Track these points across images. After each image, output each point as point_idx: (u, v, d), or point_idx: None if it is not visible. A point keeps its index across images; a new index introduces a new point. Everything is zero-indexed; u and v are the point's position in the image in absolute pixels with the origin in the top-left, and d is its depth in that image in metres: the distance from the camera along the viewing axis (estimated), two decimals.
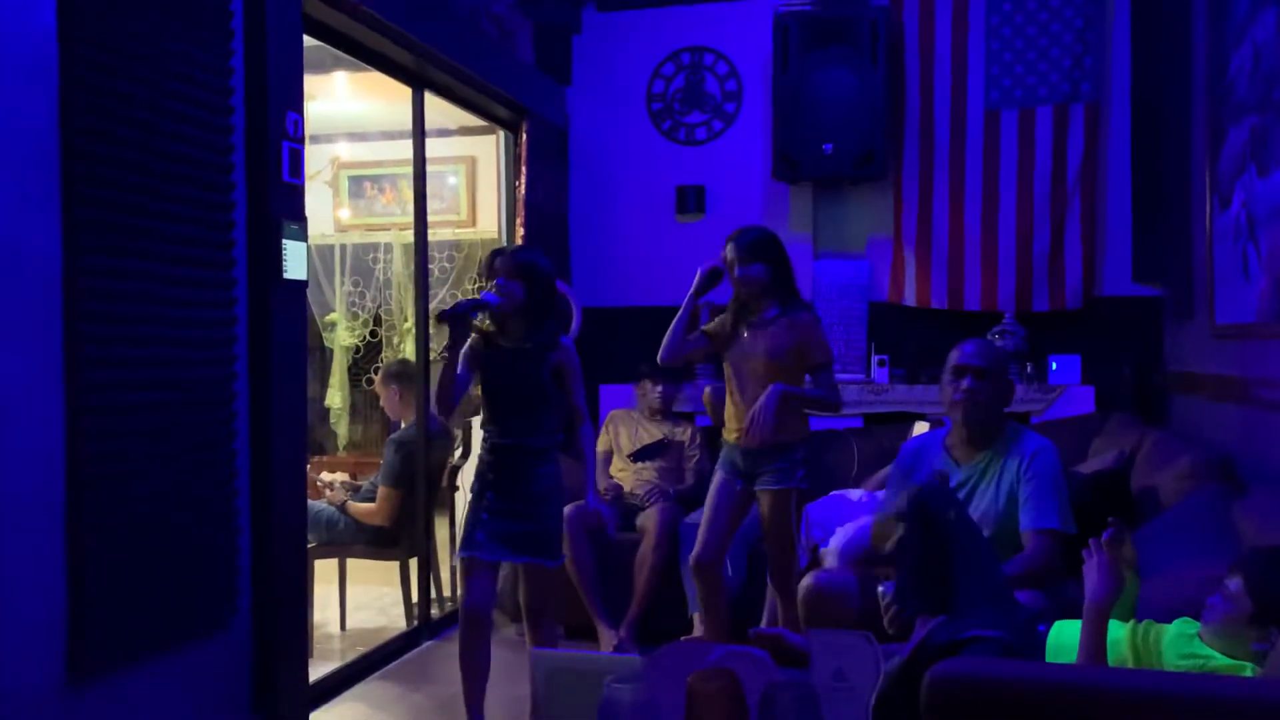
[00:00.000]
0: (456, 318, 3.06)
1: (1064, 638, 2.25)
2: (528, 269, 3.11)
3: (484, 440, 3.18)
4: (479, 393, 3.23)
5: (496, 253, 3.23)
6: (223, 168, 2.88)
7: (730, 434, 3.49)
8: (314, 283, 6.02)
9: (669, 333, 3.51)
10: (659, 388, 4.68)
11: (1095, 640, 2.04)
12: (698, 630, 4.02)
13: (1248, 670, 1.92)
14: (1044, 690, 1.64)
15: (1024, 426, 3.08)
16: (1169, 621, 2.14)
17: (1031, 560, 2.81)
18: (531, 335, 3.12)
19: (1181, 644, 2.04)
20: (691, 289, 3.46)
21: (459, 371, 3.10)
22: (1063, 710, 1.61)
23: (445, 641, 4.31)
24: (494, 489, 3.11)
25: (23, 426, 2.31)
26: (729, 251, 3.42)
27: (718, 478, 3.53)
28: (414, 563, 4.41)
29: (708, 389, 4.01)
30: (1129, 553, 2.16)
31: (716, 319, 3.54)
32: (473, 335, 3.16)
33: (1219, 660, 1.96)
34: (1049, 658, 2.21)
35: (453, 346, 3.08)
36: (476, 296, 3.15)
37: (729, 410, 3.51)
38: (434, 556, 4.54)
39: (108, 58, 2.47)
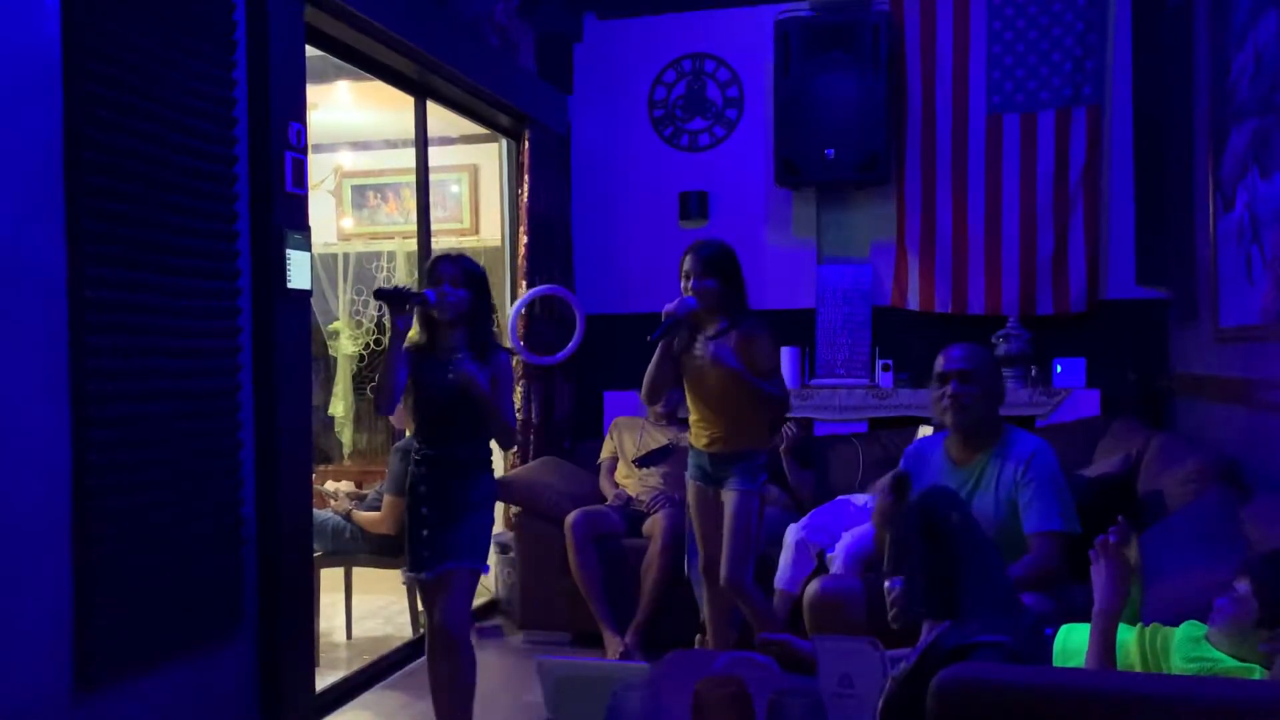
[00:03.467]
0: (393, 297, 2.93)
1: (1071, 641, 2.24)
2: (475, 278, 3.05)
3: (415, 452, 3.07)
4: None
5: (441, 258, 3.08)
6: (226, 178, 2.89)
7: (698, 440, 3.55)
8: (317, 292, 6.03)
9: (650, 375, 3.51)
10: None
11: (1104, 648, 2.03)
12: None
13: (1256, 673, 1.92)
14: (1051, 695, 1.64)
15: (1018, 428, 3.07)
16: (1175, 624, 2.13)
17: (1037, 563, 2.80)
18: (467, 344, 3.02)
19: (1189, 647, 2.04)
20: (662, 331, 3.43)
21: (399, 369, 2.96)
22: (1070, 715, 1.61)
23: None
24: (428, 503, 3.01)
25: (29, 437, 2.32)
26: (688, 263, 3.44)
27: (692, 486, 3.60)
28: None
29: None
30: (1133, 556, 2.16)
31: (676, 341, 3.52)
32: (407, 339, 3.04)
33: (1227, 663, 1.96)
34: (1056, 661, 2.21)
35: (395, 337, 2.95)
36: (415, 289, 3.00)
37: (692, 420, 3.57)
38: None
39: (111, 69, 2.48)
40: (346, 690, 3.78)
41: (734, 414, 3.45)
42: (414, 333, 3.08)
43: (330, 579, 4.36)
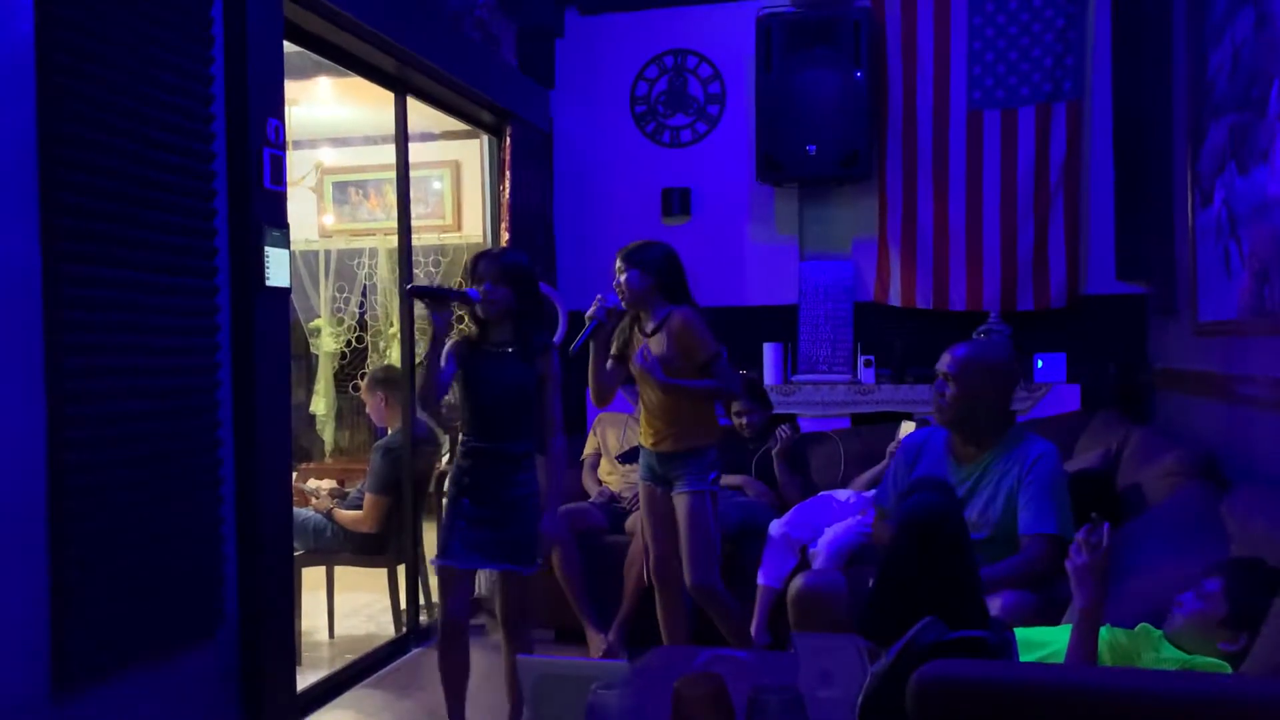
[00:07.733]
0: (429, 295, 3.01)
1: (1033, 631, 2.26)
2: (514, 272, 3.07)
3: (461, 444, 3.13)
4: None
5: (480, 256, 3.14)
6: (204, 175, 2.87)
7: (645, 439, 3.54)
8: (299, 289, 6.00)
9: (593, 379, 3.54)
10: None
11: (1087, 647, 2.04)
12: None
13: (1227, 670, 1.93)
14: (1031, 691, 1.64)
15: (1029, 430, 3.07)
16: (1142, 622, 2.14)
17: (1027, 563, 2.82)
18: (516, 340, 3.09)
19: (1152, 648, 2.05)
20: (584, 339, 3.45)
21: (443, 366, 3.03)
22: (1050, 711, 1.61)
23: (434, 648, 4.28)
24: (470, 495, 3.07)
25: (4, 436, 2.30)
26: (618, 262, 3.49)
27: (643, 487, 3.59)
28: (402, 569, 4.39)
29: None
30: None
31: (616, 340, 3.55)
32: (456, 335, 3.12)
33: (1200, 660, 1.97)
34: (1022, 649, 2.21)
35: (435, 338, 2.99)
36: (460, 288, 3.06)
37: (640, 417, 3.57)
38: (422, 563, 4.53)
39: (86, 65, 2.46)
40: (328, 689, 3.76)
41: (676, 413, 3.42)
42: (464, 326, 3.14)
43: (312, 578, 4.34)
